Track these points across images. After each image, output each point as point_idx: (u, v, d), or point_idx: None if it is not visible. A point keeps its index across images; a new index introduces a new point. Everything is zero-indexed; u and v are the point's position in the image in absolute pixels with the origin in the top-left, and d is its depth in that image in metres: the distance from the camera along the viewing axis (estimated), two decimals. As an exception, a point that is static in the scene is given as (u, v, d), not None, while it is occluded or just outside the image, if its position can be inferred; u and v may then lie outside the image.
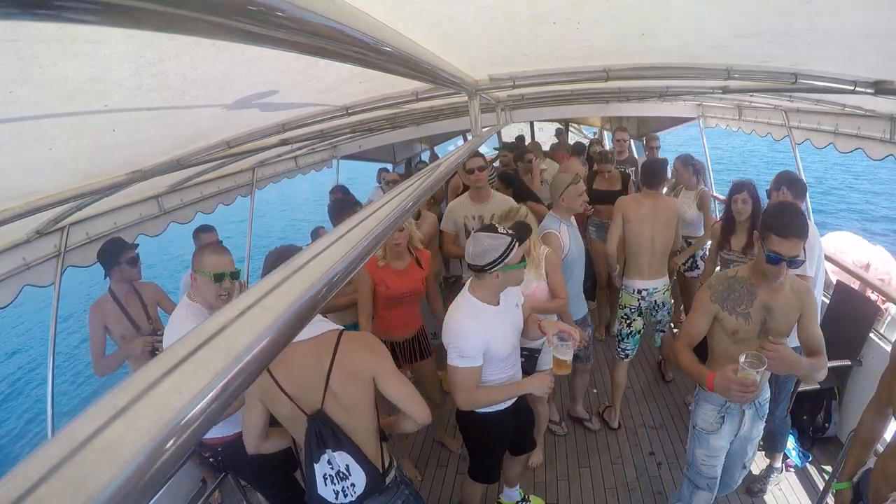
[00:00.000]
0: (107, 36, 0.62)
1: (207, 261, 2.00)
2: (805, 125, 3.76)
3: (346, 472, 1.63)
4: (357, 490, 1.65)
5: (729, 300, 1.93)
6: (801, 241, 1.73)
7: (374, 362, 1.64)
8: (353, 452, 1.62)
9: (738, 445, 2.21)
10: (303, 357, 1.59)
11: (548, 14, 0.96)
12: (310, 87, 1.40)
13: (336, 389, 1.59)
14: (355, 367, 1.61)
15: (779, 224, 1.74)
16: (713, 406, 2.10)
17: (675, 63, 1.62)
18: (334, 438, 1.60)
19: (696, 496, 2.24)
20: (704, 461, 2.17)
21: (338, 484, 1.64)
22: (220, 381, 0.24)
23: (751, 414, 2.13)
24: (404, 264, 2.71)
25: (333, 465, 1.63)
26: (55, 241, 2.67)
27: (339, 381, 1.58)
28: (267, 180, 4.86)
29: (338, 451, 1.61)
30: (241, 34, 0.32)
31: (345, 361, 1.59)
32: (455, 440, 3.41)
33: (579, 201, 2.87)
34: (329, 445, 1.60)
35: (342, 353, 1.60)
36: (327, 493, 1.66)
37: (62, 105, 0.88)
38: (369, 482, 1.65)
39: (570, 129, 10.53)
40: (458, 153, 1.10)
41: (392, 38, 0.64)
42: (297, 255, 0.39)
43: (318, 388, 1.58)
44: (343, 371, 1.59)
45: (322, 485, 1.65)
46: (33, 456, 0.18)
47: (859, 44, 1.19)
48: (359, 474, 1.64)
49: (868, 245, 4.62)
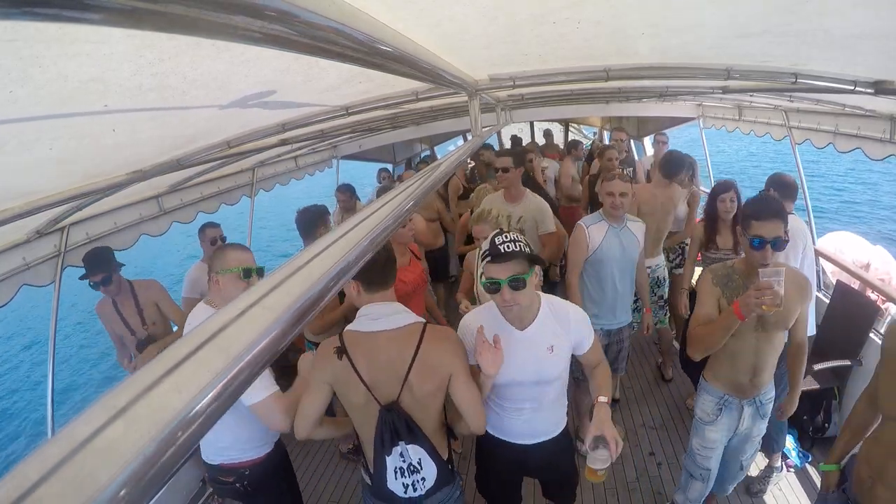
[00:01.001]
0: (107, 36, 0.62)
1: (232, 258, 1.91)
2: (805, 125, 3.76)
3: (417, 466, 1.63)
4: (427, 484, 1.65)
5: (728, 287, 1.98)
6: (780, 223, 1.81)
7: (455, 360, 1.64)
8: (426, 446, 1.62)
9: (736, 442, 2.23)
10: (385, 346, 1.59)
11: (548, 14, 0.96)
12: (310, 87, 1.40)
13: (414, 383, 1.58)
14: (437, 361, 1.61)
15: (756, 209, 1.85)
16: (712, 398, 2.16)
17: (675, 63, 1.62)
18: (409, 431, 1.59)
19: (691, 485, 2.33)
20: (699, 451, 2.24)
21: (408, 477, 1.63)
22: (220, 381, 0.24)
23: (750, 412, 2.14)
24: (406, 260, 2.79)
25: (405, 458, 1.62)
26: (55, 241, 2.67)
27: (418, 374, 1.58)
28: (268, 180, 4.86)
29: (411, 445, 1.60)
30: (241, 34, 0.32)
31: (428, 355, 1.59)
32: (455, 440, 3.41)
33: (608, 200, 2.74)
34: (403, 438, 1.59)
35: (426, 346, 1.60)
36: (396, 487, 1.64)
37: (62, 105, 0.88)
38: (440, 476, 1.65)
39: (570, 128, 10.53)
40: (458, 153, 1.10)
41: (392, 38, 0.64)
42: (297, 255, 0.39)
43: (396, 379, 1.58)
44: (424, 364, 1.58)
45: (392, 478, 1.63)
46: (33, 456, 0.18)
47: (859, 44, 1.19)
48: (430, 468, 1.64)
49: (868, 245, 4.62)
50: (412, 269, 2.81)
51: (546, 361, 1.78)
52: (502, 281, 1.62)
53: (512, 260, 1.61)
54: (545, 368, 1.79)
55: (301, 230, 3.00)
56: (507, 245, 1.63)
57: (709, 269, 2.09)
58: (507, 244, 1.63)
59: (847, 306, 3.21)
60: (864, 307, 3.09)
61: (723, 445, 2.22)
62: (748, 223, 1.86)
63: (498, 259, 1.62)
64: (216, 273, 1.89)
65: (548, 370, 1.79)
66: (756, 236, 1.82)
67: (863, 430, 1.76)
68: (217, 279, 1.89)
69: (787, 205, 2.85)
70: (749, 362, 2.02)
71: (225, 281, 1.88)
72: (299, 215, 2.99)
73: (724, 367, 2.10)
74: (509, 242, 1.64)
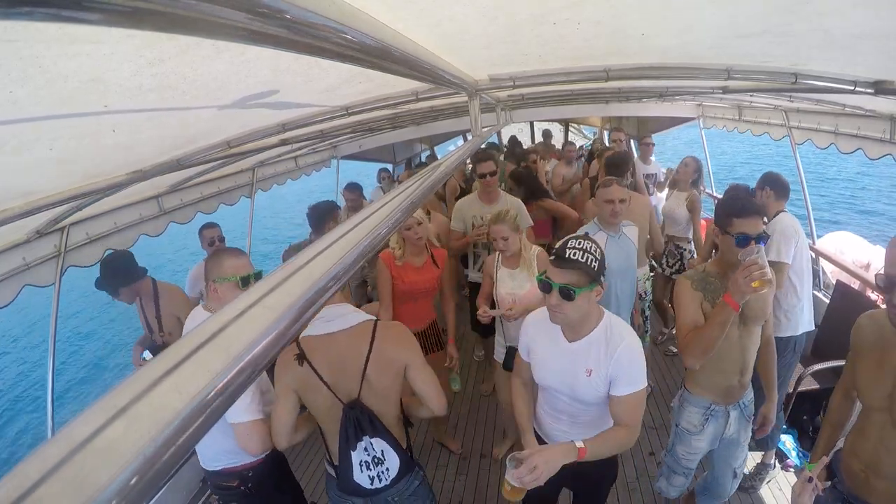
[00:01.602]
0: (107, 36, 0.62)
1: (228, 266, 1.85)
2: (805, 125, 3.77)
3: (381, 458, 1.70)
4: (391, 474, 1.72)
5: (707, 290, 1.99)
6: (759, 218, 1.86)
7: (408, 352, 1.72)
8: (388, 438, 1.69)
9: (724, 449, 2.20)
10: (341, 347, 1.66)
11: (548, 14, 0.96)
12: (310, 88, 1.40)
13: (371, 377, 1.65)
14: (391, 356, 1.68)
15: (737, 207, 1.88)
16: (698, 409, 2.13)
17: (675, 63, 1.62)
18: (371, 425, 1.66)
19: (673, 479, 2.34)
20: (684, 456, 2.23)
21: (373, 469, 1.70)
22: (220, 381, 0.24)
23: (736, 415, 2.13)
24: (422, 261, 2.76)
25: (370, 452, 1.68)
26: (55, 241, 2.67)
27: (375, 368, 1.65)
28: (268, 180, 4.86)
29: (374, 438, 1.67)
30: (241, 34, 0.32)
31: (382, 350, 1.66)
32: (455, 441, 3.41)
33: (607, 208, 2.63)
34: (367, 432, 1.66)
35: (379, 342, 1.66)
36: (363, 480, 1.71)
37: (62, 105, 0.88)
38: (402, 465, 1.73)
39: (570, 129, 10.53)
40: (458, 153, 1.10)
41: (392, 38, 0.64)
42: (297, 255, 0.39)
43: (355, 376, 1.65)
44: (380, 360, 1.65)
45: (358, 471, 1.70)
46: (33, 456, 0.18)
47: (859, 44, 1.19)
48: (393, 459, 1.71)
49: (868, 245, 4.62)
50: (424, 270, 2.76)
51: (581, 382, 1.68)
52: (554, 284, 1.56)
53: (572, 269, 1.54)
54: (579, 389, 1.69)
55: (312, 224, 3.08)
56: (574, 252, 1.55)
57: (683, 275, 2.06)
58: (575, 251, 1.55)
59: (847, 306, 3.21)
60: (864, 307, 3.07)
61: (706, 450, 2.21)
62: (729, 221, 1.87)
63: (558, 262, 1.56)
64: (213, 281, 1.84)
65: (582, 392, 1.69)
66: (741, 233, 1.84)
67: (842, 425, 1.79)
68: (215, 287, 1.84)
69: (780, 203, 2.87)
70: (737, 361, 2.02)
71: (223, 290, 1.84)
72: (311, 210, 3.09)
73: (710, 374, 2.06)
74: (578, 250, 1.56)
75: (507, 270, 2.63)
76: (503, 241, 2.53)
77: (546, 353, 1.77)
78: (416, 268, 2.73)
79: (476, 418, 3.72)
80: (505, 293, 2.60)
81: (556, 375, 1.74)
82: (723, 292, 1.88)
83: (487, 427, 3.62)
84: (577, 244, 1.57)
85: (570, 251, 1.55)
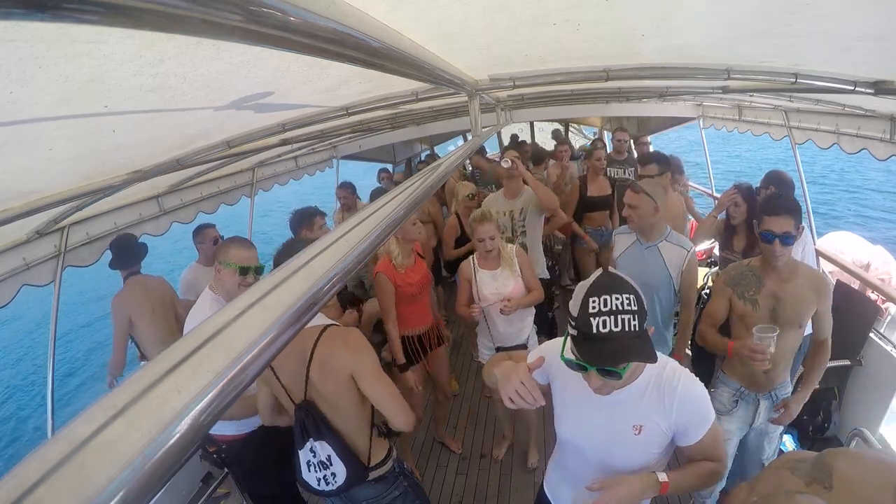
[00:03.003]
0: (107, 36, 0.62)
1: (234, 254, 2.05)
2: (805, 125, 3.77)
3: (327, 462, 1.69)
4: (338, 480, 1.70)
5: (739, 285, 2.08)
6: (790, 218, 1.88)
7: (351, 360, 1.63)
8: (333, 444, 1.67)
9: (754, 438, 2.26)
10: (291, 349, 1.64)
11: (548, 15, 0.96)
12: (310, 88, 1.40)
13: (316, 383, 1.65)
14: (331, 363, 1.64)
15: (769, 205, 1.93)
16: (729, 389, 2.23)
17: (675, 63, 1.62)
18: (316, 428, 1.67)
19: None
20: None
21: (320, 472, 1.71)
22: (220, 381, 0.24)
23: (767, 405, 2.17)
24: (412, 260, 2.82)
25: (316, 454, 1.70)
26: (55, 241, 2.67)
27: (317, 373, 1.64)
28: (269, 180, 4.87)
29: (319, 441, 1.68)
30: (241, 34, 0.32)
31: (322, 357, 1.64)
32: (455, 440, 3.41)
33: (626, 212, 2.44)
34: (311, 435, 1.67)
35: (320, 349, 1.65)
36: (310, 479, 1.73)
37: (62, 105, 0.88)
38: (350, 474, 1.69)
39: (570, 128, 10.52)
40: (458, 153, 1.10)
41: (392, 39, 0.64)
42: (297, 255, 0.39)
43: (300, 379, 1.67)
44: (321, 364, 1.64)
45: (306, 470, 1.73)
46: (33, 456, 0.18)
47: (859, 44, 1.19)
48: (339, 465, 1.69)
49: (868, 245, 4.61)
50: (418, 268, 2.82)
51: (626, 442, 1.30)
52: (588, 367, 1.16)
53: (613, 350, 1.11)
54: (618, 451, 1.31)
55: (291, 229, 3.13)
56: (605, 321, 1.09)
57: (725, 269, 2.20)
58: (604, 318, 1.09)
59: (847, 306, 3.20)
60: (864, 307, 3.08)
61: (738, 438, 2.25)
62: (761, 218, 1.95)
63: (590, 343, 1.12)
64: (219, 263, 2.07)
65: (622, 454, 1.31)
66: (766, 230, 1.90)
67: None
68: (219, 268, 2.06)
69: None
70: None
71: (225, 273, 2.05)
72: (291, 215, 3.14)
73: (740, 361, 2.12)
74: (609, 316, 1.09)
75: (486, 272, 2.65)
76: (490, 240, 2.55)
77: (576, 401, 1.37)
78: (411, 268, 2.78)
79: (476, 418, 3.72)
80: (489, 293, 2.61)
81: (586, 430, 1.36)
82: (755, 287, 2.03)
83: (487, 427, 3.61)
84: (602, 306, 1.10)
85: (598, 321, 1.09)
